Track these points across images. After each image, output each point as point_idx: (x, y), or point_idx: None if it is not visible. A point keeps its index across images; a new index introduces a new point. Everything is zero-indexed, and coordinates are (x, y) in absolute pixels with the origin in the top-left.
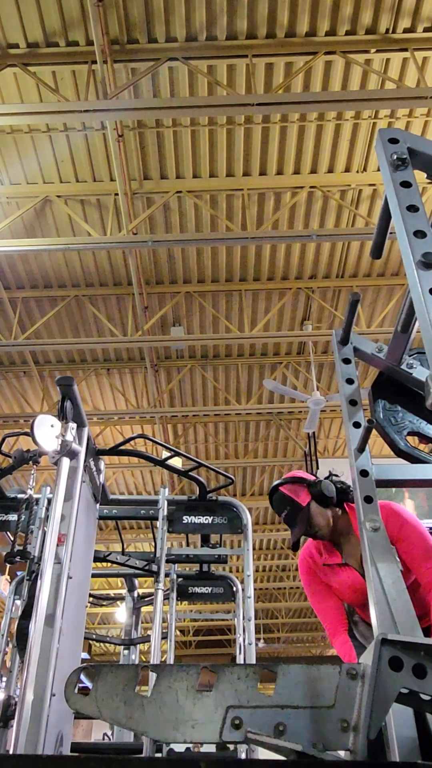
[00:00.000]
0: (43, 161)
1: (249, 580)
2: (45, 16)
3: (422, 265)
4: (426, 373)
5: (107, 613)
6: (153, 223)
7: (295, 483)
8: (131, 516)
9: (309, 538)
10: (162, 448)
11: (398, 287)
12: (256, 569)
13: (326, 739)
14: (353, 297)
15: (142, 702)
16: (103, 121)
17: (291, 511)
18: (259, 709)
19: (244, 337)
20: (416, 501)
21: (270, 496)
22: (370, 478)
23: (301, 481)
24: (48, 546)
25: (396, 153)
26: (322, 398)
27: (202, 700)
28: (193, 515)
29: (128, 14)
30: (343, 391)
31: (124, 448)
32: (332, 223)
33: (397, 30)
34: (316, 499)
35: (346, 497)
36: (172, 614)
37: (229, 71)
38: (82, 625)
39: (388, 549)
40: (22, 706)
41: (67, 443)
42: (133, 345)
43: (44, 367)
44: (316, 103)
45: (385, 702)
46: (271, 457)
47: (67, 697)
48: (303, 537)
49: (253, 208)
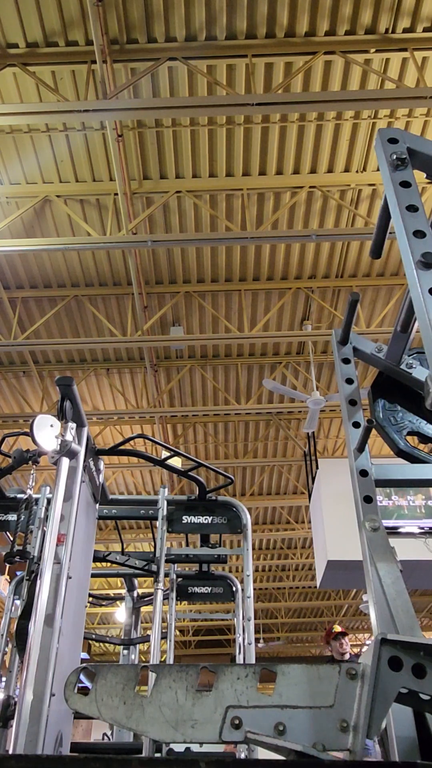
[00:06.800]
0: (42, 161)
1: (248, 580)
2: (44, 15)
3: (422, 265)
4: (425, 373)
5: (107, 613)
6: (152, 223)
7: None
8: (131, 516)
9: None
10: (162, 448)
11: (398, 287)
12: (256, 569)
13: (326, 739)
14: (353, 297)
15: (141, 702)
16: (102, 121)
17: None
18: (258, 709)
19: (243, 337)
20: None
21: None
22: (369, 477)
23: None
24: (47, 546)
25: (395, 153)
26: (321, 398)
27: (202, 700)
28: (193, 515)
29: (128, 14)
30: (343, 390)
31: (124, 448)
32: (332, 223)
33: (396, 30)
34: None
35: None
36: (172, 614)
37: (228, 71)
38: (82, 625)
39: (388, 549)
40: (22, 706)
41: (67, 443)
42: (132, 345)
43: (44, 367)
44: (316, 103)
45: (384, 702)
46: (270, 457)
47: (66, 697)
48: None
49: (252, 208)
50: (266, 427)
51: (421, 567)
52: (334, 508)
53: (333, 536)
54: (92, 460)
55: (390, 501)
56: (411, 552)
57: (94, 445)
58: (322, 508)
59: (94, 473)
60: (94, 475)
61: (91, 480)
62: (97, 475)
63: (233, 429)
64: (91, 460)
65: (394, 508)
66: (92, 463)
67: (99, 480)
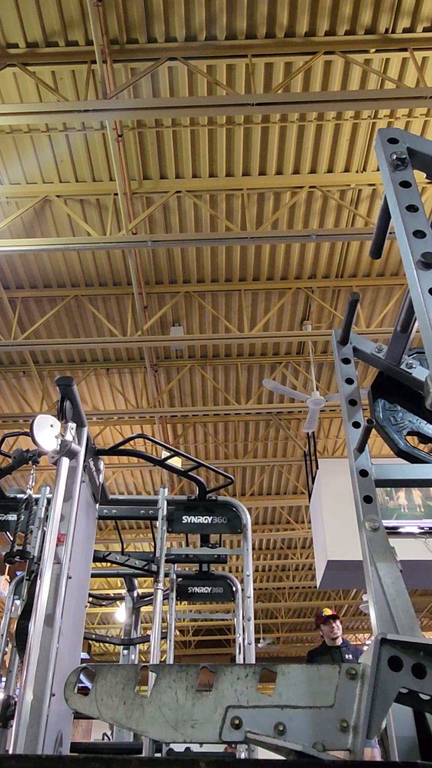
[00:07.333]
0: (42, 161)
1: (248, 580)
2: (44, 15)
3: (422, 265)
4: (425, 373)
5: (107, 613)
6: (152, 223)
7: None
8: (131, 516)
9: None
10: (162, 448)
11: (398, 287)
12: (256, 569)
13: (326, 739)
14: (353, 297)
15: (141, 702)
16: (102, 121)
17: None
18: (258, 709)
19: (243, 337)
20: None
21: None
22: (369, 477)
23: None
24: (47, 546)
25: (395, 153)
26: (321, 398)
27: (202, 700)
28: (193, 515)
29: (128, 14)
30: (343, 390)
31: (124, 448)
32: (332, 222)
33: (396, 30)
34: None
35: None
36: (172, 614)
37: (228, 71)
38: (82, 625)
39: (388, 549)
40: (22, 706)
41: (67, 443)
42: (132, 345)
43: (44, 367)
44: (316, 103)
45: (384, 702)
46: (270, 457)
47: (66, 697)
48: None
49: (252, 208)
50: (266, 427)
51: (421, 567)
52: (334, 508)
53: (333, 536)
54: (92, 460)
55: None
56: (411, 552)
57: (94, 445)
58: (322, 508)
59: (94, 473)
60: (94, 475)
61: (91, 480)
62: (97, 475)
63: (233, 429)
64: (91, 460)
65: (394, 508)
66: (92, 463)
67: (99, 480)
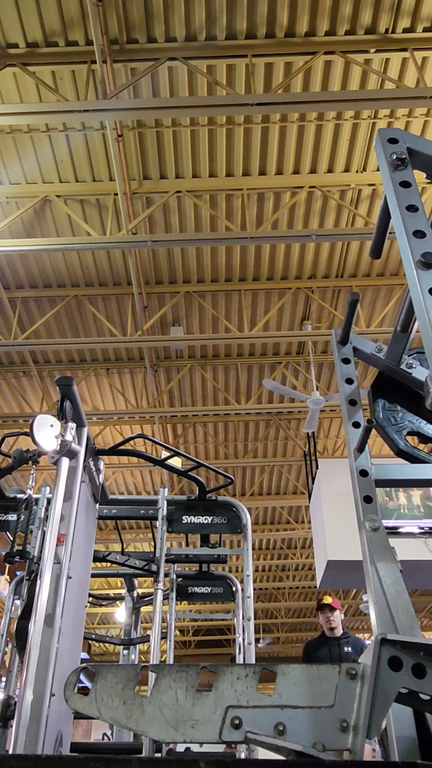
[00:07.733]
0: (42, 161)
1: (248, 580)
2: (44, 15)
3: (422, 265)
4: (425, 373)
5: (107, 613)
6: (152, 223)
7: None
8: (131, 516)
9: None
10: (162, 448)
11: (398, 287)
12: (256, 569)
13: (326, 739)
14: (352, 297)
15: (141, 702)
16: (102, 121)
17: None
18: (258, 709)
19: (243, 337)
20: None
21: None
22: (369, 477)
23: None
24: (47, 546)
25: (395, 153)
26: (321, 398)
27: (202, 700)
28: (193, 515)
29: (128, 14)
30: (343, 390)
31: (124, 448)
32: (332, 223)
33: (396, 30)
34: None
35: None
36: (172, 614)
37: (228, 71)
38: (82, 625)
39: (388, 549)
40: (22, 706)
41: (67, 443)
42: (132, 345)
43: (44, 367)
44: (316, 103)
45: (384, 702)
46: (270, 457)
47: (66, 697)
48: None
49: (252, 208)
50: (266, 427)
51: (421, 567)
52: (334, 508)
53: (333, 536)
54: (92, 460)
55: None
56: (411, 552)
57: (94, 445)
58: (322, 508)
59: (94, 473)
60: (94, 475)
61: (91, 480)
62: (97, 475)
63: (233, 429)
64: (91, 460)
65: (394, 508)
66: (92, 463)
67: (99, 480)
